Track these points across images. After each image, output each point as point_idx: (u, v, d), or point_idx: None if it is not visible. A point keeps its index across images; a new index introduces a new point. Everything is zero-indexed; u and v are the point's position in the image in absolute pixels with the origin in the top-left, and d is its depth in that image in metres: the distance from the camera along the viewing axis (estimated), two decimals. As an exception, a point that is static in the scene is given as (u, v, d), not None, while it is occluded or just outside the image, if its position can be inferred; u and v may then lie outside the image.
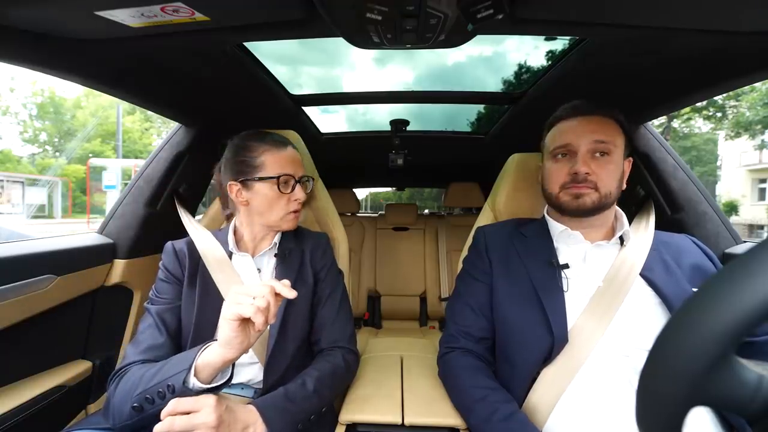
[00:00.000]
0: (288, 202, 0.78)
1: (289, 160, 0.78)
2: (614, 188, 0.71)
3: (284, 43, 0.78)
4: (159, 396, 0.57)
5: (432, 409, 0.72)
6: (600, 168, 0.70)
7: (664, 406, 0.27)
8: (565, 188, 0.72)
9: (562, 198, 0.73)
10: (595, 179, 0.69)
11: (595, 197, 0.70)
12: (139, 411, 0.58)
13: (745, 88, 8.15)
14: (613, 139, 0.70)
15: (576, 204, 0.71)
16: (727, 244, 0.95)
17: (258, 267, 0.81)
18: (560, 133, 0.74)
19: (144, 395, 0.58)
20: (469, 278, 0.83)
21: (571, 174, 0.71)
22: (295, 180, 0.79)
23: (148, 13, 0.59)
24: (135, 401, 0.58)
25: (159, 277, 0.78)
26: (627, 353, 0.63)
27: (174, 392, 0.56)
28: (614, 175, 0.70)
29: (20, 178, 15.34)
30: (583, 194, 0.70)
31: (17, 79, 19.89)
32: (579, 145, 0.70)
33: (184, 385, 0.56)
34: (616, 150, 0.71)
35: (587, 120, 0.72)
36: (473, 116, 1.98)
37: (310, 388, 0.67)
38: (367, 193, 21.19)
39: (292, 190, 0.78)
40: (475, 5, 0.55)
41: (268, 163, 0.76)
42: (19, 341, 0.83)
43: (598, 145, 0.69)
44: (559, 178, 0.73)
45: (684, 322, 0.26)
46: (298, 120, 1.38)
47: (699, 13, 0.59)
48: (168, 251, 0.79)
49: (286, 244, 0.84)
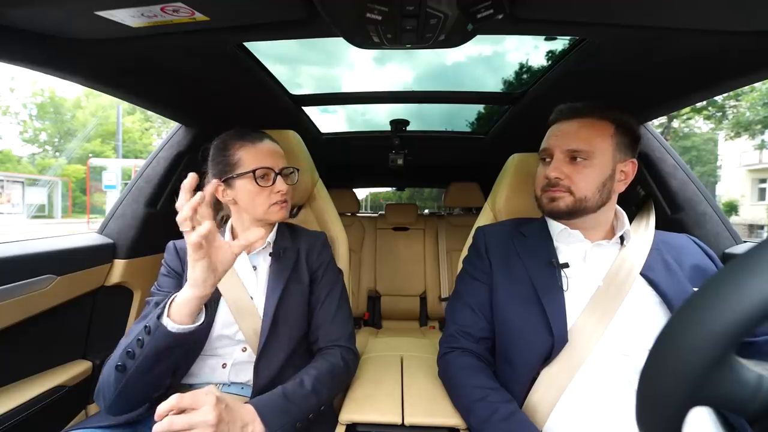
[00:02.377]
0: (270, 194, 0.78)
1: (265, 153, 0.78)
2: (591, 192, 0.70)
3: (284, 43, 0.78)
4: (138, 345, 0.58)
5: (432, 409, 0.71)
6: (575, 172, 0.71)
7: (664, 406, 0.27)
8: (544, 191, 0.75)
9: (542, 201, 0.76)
10: (568, 183, 0.71)
11: (569, 201, 0.71)
12: (122, 370, 0.59)
13: (745, 88, 8.15)
14: (590, 143, 0.70)
15: (550, 207, 0.74)
16: (727, 244, 0.95)
17: (254, 265, 0.81)
18: (546, 137, 0.77)
19: (125, 351, 0.59)
20: (469, 278, 0.83)
21: (546, 178, 0.73)
22: (275, 172, 0.78)
23: (148, 13, 0.59)
24: (119, 360, 0.59)
25: (161, 273, 0.80)
26: (627, 353, 0.63)
27: (149, 332, 0.57)
28: (591, 179, 0.70)
29: (20, 178, 15.35)
30: (557, 198, 0.72)
31: (17, 79, 19.94)
32: (555, 150, 0.73)
33: (158, 320, 0.57)
34: (599, 154, 0.70)
35: (567, 124, 0.73)
36: (473, 116, 1.98)
37: (308, 386, 0.67)
38: (367, 193, 21.20)
39: (273, 183, 0.78)
40: (475, 5, 0.55)
41: (245, 159, 0.77)
42: (19, 341, 0.83)
43: (572, 152, 0.71)
44: (540, 181, 0.76)
45: (684, 321, 0.26)
46: (297, 120, 1.38)
47: (699, 13, 0.59)
48: (170, 249, 0.82)
49: (281, 242, 0.84)
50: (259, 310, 0.76)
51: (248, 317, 0.75)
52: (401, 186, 4.09)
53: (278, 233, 0.85)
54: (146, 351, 0.58)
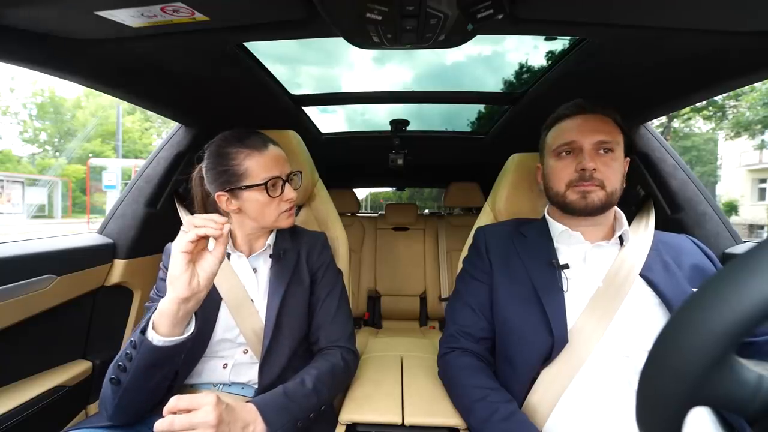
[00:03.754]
0: (279, 203, 0.76)
1: (273, 161, 0.75)
2: (618, 186, 0.71)
3: (284, 42, 0.78)
4: (126, 358, 0.58)
5: (432, 409, 0.72)
6: (605, 165, 0.69)
7: (664, 407, 0.26)
8: (572, 186, 0.71)
9: (570, 197, 0.71)
10: (601, 177, 0.69)
11: (602, 195, 0.69)
12: (116, 383, 0.58)
13: (745, 88, 8.15)
14: (614, 137, 0.71)
15: (584, 203, 0.70)
16: (727, 244, 0.95)
17: (254, 267, 0.81)
18: (563, 131, 0.74)
19: (116, 364, 0.59)
20: (469, 278, 0.83)
21: (579, 171, 0.69)
22: (283, 180, 0.76)
23: (148, 13, 0.59)
24: (113, 374, 0.59)
25: (159, 277, 0.79)
26: (627, 353, 0.63)
27: (136, 347, 0.57)
28: (618, 173, 0.71)
29: (20, 178, 15.36)
30: (590, 192, 0.69)
31: (17, 79, 19.93)
32: (584, 142, 0.70)
33: (143, 334, 0.56)
34: (618, 148, 0.71)
35: (590, 117, 0.72)
36: (473, 116, 1.98)
37: (309, 386, 0.67)
38: (367, 193, 21.19)
39: (282, 192, 0.76)
40: (475, 5, 0.55)
41: (253, 169, 0.72)
42: (19, 341, 0.83)
43: (602, 143, 0.70)
44: (565, 175, 0.72)
45: (684, 322, 0.26)
46: (297, 120, 1.38)
47: (699, 13, 0.59)
48: (167, 252, 0.80)
49: (281, 244, 0.83)
50: (260, 312, 0.76)
51: (249, 320, 0.74)
52: (401, 186, 4.09)
53: (278, 235, 0.85)
54: (135, 365, 0.57)
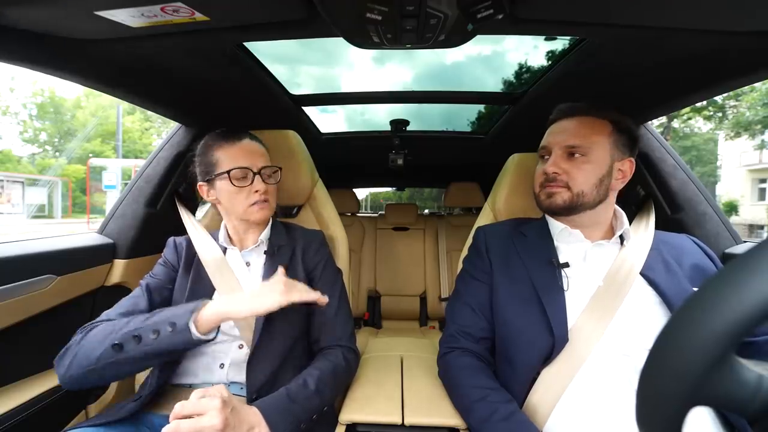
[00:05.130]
0: (248, 194, 0.78)
1: (242, 153, 0.77)
2: (588, 187, 0.71)
3: (284, 42, 0.78)
4: (153, 334, 0.59)
5: (432, 409, 0.71)
6: (573, 168, 0.72)
7: (664, 406, 0.26)
8: (542, 187, 0.76)
9: (540, 197, 0.77)
10: (566, 179, 0.72)
11: (567, 196, 0.72)
12: (118, 350, 0.59)
13: (745, 88, 8.15)
14: (588, 139, 0.71)
15: (548, 203, 0.75)
16: (727, 244, 0.95)
17: (247, 261, 0.83)
18: (545, 136, 0.78)
19: (132, 333, 0.60)
20: (469, 278, 0.83)
21: (544, 174, 0.74)
22: (252, 172, 0.77)
23: (148, 13, 0.59)
24: (118, 339, 0.59)
25: (158, 262, 0.83)
26: (627, 353, 0.63)
27: (174, 329, 0.59)
28: (588, 174, 0.71)
29: (20, 178, 15.35)
30: (554, 193, 0.73)
31: (17, 79, 19.93)
32: (553, 146, 0.74)
33: (187, 323, 0.60)
34: (596, 150, 0.71)
35: (566, 122, 0.75)
36: (473, 116, 1.98)
37: (311, 387, 0.67)
38: (367, 193, 21.19)
39: (252, 183, 0.77)
40: (475, 5, 0.55)
41: (222, 159, 0.77)
42: (19, 341, 0.83)
43: (571, 147, 0.72)
44: (538, 177, 0.77)
45: (684, 321, 0.26)
46: (297, 120, 1.37)
47: (699, 13, 0.59)
48: (170, 244, 0.86)
49: (276, 240, 0.84)
50: None
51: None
52: (401, 186, 4.09)
53: (273, 231, 0.86)
54: (159, 344, 0.59)
